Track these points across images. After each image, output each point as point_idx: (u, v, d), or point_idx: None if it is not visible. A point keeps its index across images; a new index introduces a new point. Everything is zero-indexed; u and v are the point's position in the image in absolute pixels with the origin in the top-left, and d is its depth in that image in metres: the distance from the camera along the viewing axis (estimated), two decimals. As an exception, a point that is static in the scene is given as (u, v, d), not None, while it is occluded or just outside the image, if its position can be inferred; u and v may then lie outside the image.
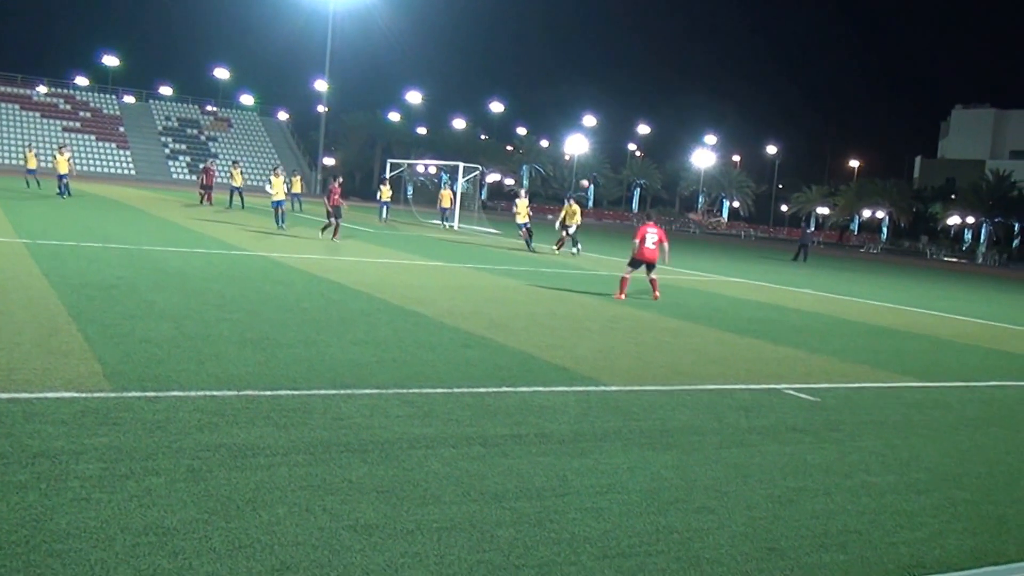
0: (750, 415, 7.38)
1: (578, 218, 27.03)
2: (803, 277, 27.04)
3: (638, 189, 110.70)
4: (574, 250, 27.13)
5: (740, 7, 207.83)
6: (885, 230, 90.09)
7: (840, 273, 32.08)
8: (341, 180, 24.97)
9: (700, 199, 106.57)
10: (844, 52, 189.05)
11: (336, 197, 23.23)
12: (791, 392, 8.50)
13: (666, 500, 5.08)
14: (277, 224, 26.25)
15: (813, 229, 54.93)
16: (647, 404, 7.46)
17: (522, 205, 28.38)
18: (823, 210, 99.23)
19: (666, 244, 15.94)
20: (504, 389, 7.47)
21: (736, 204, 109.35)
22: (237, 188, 37.32)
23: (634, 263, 15.81)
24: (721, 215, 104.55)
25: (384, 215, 38.12)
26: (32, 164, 38.32)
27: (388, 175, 42.26)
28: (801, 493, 5.45)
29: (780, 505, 5.19)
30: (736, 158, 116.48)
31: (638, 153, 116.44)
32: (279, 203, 27.00)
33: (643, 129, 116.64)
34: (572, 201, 27.26)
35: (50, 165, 41.25)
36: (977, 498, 5.72)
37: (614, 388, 7.99)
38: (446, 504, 4.70)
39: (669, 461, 5.86)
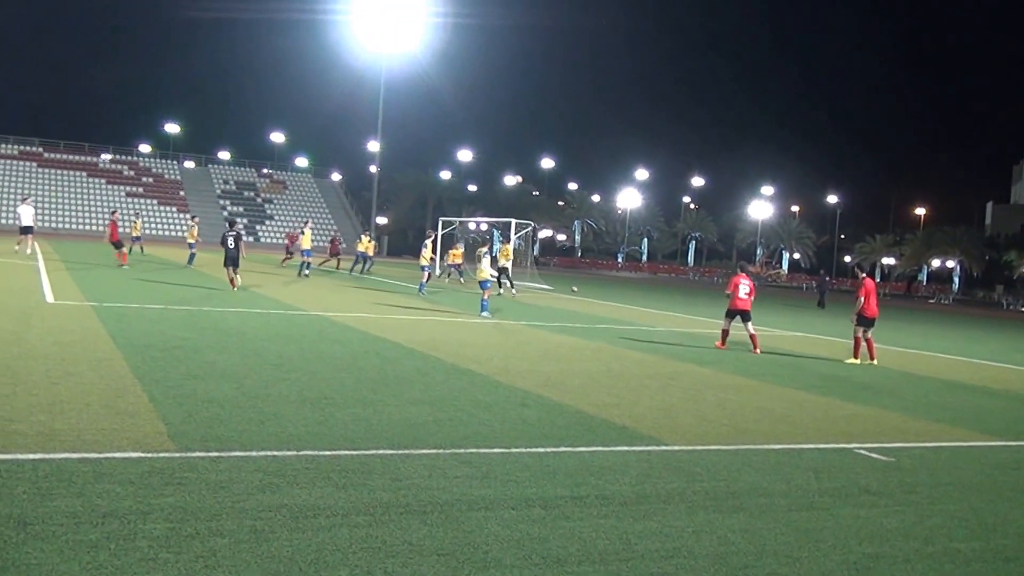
0: (820, 476, 7.23)
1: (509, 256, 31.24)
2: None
3: (693, 242, 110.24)
4: (501, 290, 29.92)
5: (794, 56, 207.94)
6: (956, 280, 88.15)
7: (910, 326, 31.42)
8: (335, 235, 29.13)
9: (758, 251, 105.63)
10: (905, 97, 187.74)
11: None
12: (863, 452, 8.31)
13: (735, 566, 4.99)
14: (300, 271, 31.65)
15: (830, 277, 54.65)
16: (711, 465, 7.36)
17: (459, 251, 34.78)
18: (888, 260, 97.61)
19: (752, 296, 16.80)
20: (562, 449, 7.44)
21: (796, 255, 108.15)
22: (305, 251, 37.21)
23: (730, 314, 16.76)
24: (781, 267, 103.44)
25: (447, 274, 37.62)
26: (136, 231, 41.00)
27: (441, 232, 42.46)
28: (879, 560, 5.30)
29: (856, 572, 5.05)
30: (795, 208, 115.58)
31: (693, 206, 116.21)
32: (307, 252, 32.29)
33: (697, 181, 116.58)
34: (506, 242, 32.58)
35: (124, 231, 42.66)
36: (1064, 563, 5.51)
37: (676, 448, 7.90)
38: (507, 568, 4.68)
39: (736, 525, 5.76)
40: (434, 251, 35.91)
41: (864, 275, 17.45)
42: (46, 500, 5.12)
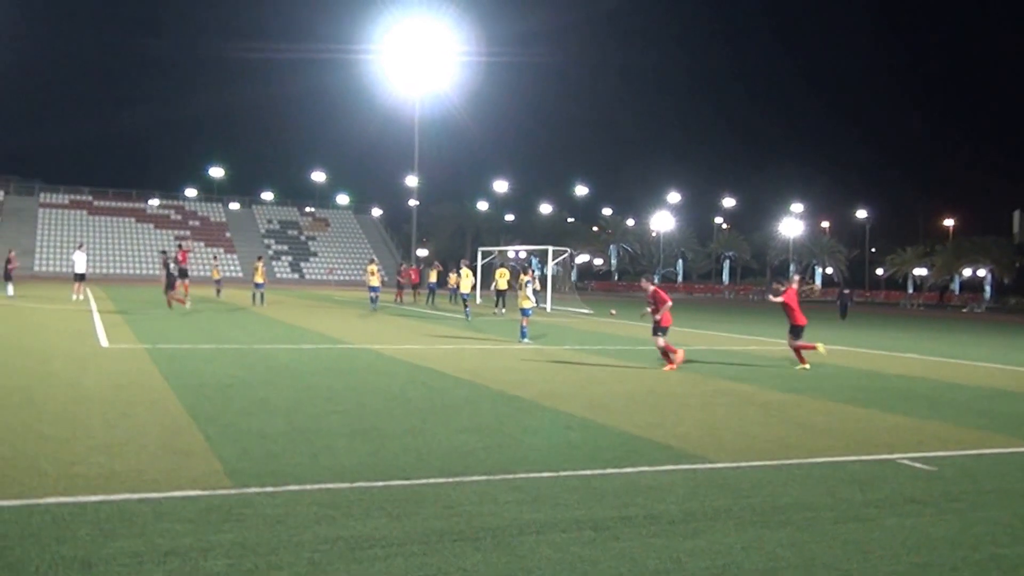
0: (864, 488, 7.10)
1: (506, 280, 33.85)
2: (909, 341, 26.14)
3: (727, 261, 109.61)
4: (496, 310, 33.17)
5: (817, 76, 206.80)
6: (988, 288, 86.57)
7: (944, 335, 30.90)
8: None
9: (791, 267, 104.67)
10: (929, 110, 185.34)
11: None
12: (905, 462, 8.16)
13: (785, 580, 4.91)
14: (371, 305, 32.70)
15: (849, 290, 54.36)
16: (756, 481, 7.27)
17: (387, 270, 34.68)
18: (920, 271, 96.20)
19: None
20: (609, 471, 7.39)
21: (829, 270, 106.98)
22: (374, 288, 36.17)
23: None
24: (814, 282, 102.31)
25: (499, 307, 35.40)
26: (216, 275, 42.12)
27: (481, 262, 42.55)
28: (927, 569, 5.19)
29: (906, 582, 4.95)
30: (825, 224, 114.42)
31: (724, 226, 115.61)
32: (375, 289, 33.19)
33: (728, 202, 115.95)
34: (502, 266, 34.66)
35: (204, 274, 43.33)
36: (1119, 568, 5.35)
37: (720, 465, 7.82)
38: (561, 591, 4.64)
39: (784, 539, 5.67)
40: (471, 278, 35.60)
41: (789, 284, 17.14)
42: (109, 541, 5.18)
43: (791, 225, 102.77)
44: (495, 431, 8.99)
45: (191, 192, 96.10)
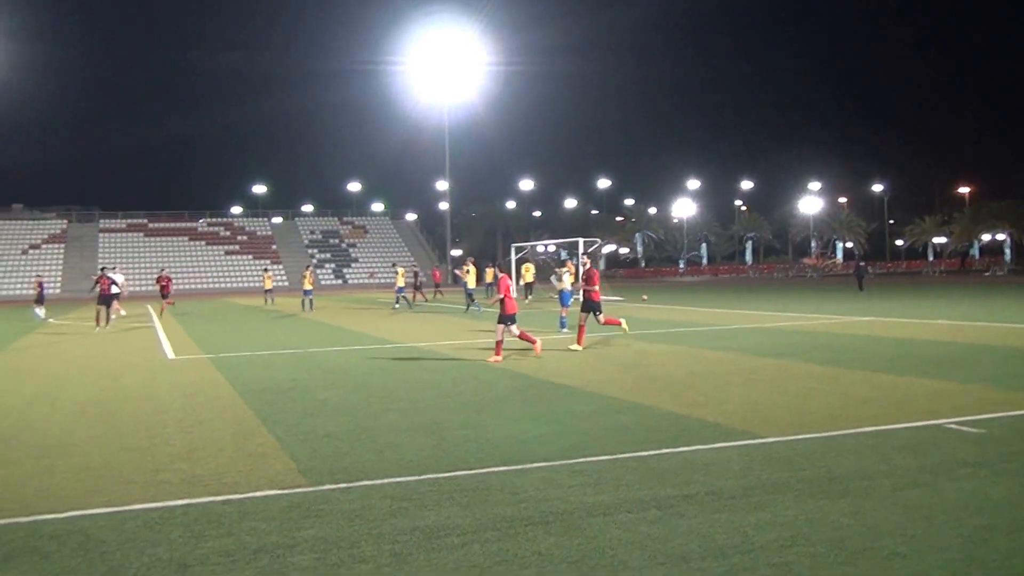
0: (917, 454, 6.94)
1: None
2: (936, 307, 25.68)
3: (750, 242, 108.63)
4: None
5: (826, 54, 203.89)
6: (1008, 252, 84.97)
7: (969, 299, 30.32)
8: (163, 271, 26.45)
9: (812, 244, 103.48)
10: (940, 78, 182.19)
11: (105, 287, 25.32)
12: (953, 426, 7.98)
13: (854, 549, 4.80)
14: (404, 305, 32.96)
15: (864, 262, 53.52)
16: (809, 453, 7.13)
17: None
18: (940, 239, 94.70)
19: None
20: (664, 451, 7.29)
21: (850, 244, 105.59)
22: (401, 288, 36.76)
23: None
24: (835, 257, 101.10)
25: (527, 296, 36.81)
26: (268, 284, 42.36)
27: (514, 257, 42.64)
28: (993, 531, 5.04)
29: (974, 545, 4.81)
30: (843, 200, 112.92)
31: (745, 207, 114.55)
32: (402, 290, 33.77)
33: (747, 184, 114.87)
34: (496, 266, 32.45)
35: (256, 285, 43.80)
36: None
37: (772, 440, 7.68)
38: (636, 569, 4.57)
39: (845, 508, 5.55)
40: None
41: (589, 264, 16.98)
42: (200, 542, 5.19)
43: (810, 203, 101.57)
44: (548, 419, 8.92)
45: (237, 209, 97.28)
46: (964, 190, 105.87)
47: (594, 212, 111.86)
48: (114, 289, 32.72)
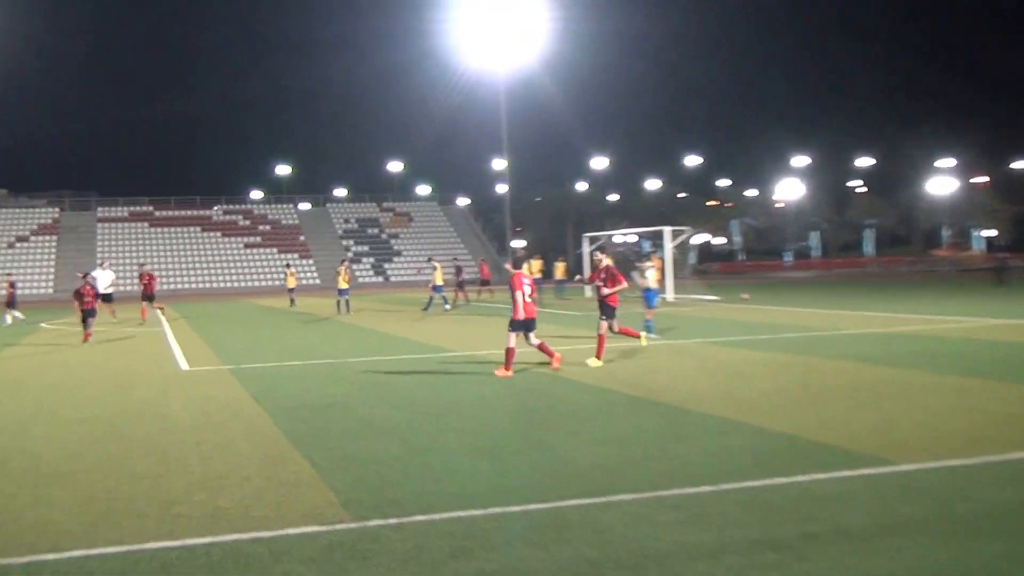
0: (1093, 487, 6.70)
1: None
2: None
3: (869, 230, 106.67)
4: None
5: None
6: None
7: None
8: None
9: (943, 232, 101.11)
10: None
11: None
12: None
13: (1021, 603, 4.63)
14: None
15: (1008, 253, 51.79)
16: (952, 483, 6.97)
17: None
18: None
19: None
20: (778, 480, 7.17)
21: (994, 232, 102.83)
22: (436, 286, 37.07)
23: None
24: (971, 247, 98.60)
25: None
26: (291, 283, 43.65)
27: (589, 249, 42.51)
28: None
29: None
30: (984, 179, 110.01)
31: (863, 189, 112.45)
32: (439, 288, 33.41)
33: (865, 161, 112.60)
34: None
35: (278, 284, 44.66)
36: None
37: (908, 467, 7.51)
38: (750, 625, 4.47)
39: (1003, 551, 5.38)
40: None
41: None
42: (228, 585, 5.23)
43: (941, 183, 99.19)
44: (636, 442, 8.84)
45: (257, 194, 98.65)
46: None
47: (681, 195, 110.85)
48: (108, 289, 33.26)
